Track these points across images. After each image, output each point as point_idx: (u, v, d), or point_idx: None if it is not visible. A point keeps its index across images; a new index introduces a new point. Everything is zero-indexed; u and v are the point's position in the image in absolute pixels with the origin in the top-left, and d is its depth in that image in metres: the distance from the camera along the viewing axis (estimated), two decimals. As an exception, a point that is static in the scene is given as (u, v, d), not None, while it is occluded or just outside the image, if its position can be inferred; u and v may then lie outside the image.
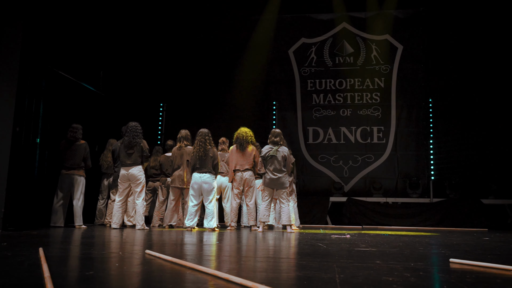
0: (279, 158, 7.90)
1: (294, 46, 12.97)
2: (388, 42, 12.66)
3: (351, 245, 5.01)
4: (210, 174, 7.80)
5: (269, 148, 8.01)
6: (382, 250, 4.43)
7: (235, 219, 8.49)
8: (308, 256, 3.80)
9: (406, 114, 12.37)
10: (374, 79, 12.61)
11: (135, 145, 7.79)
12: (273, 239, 6.36)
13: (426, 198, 11.57)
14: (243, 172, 8.35)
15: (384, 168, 12.16)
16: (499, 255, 4.19)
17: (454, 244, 5.55)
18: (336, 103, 12.66)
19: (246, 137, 8.42)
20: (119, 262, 3.25)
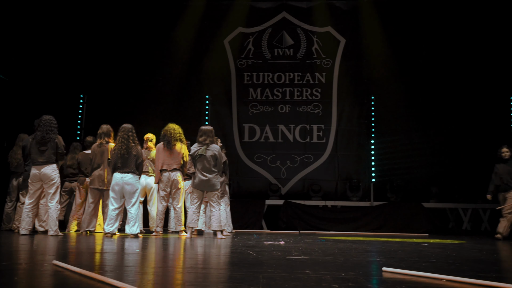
0: (209, 157, 7.85)
1: (230, 36, 12.96)
2: (330, 34, 12.85)
3: (284, 252, 5.07)
4: (133, 174, 7.68)
5: (198, 147, 7.92)
6: (315, 258, 4.52)
7: (161, 224, 8.39)
8: (235, 266, 3.82)
9: (347, 112, 12.62)
10: (315, 73, 12.78)
11: (49, 141, 7.54)
12: (202, 246, 6.38)
13: (367, 202, 11.85)
14: (170, 172, 8.26)
15: (324, 169, 12.37)
16: (434, 263, 4.36)
17: (391, 251, 5.75)
18: (274, 98, 12.75)
19: (174, 134, 8.33)
20: (20, 275, 3.13)
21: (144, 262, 4.26)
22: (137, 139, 7.90)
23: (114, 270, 3.51)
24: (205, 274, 3.44)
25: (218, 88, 12.78)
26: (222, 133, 12.17)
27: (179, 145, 8.38)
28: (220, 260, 4.50)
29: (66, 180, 9.02)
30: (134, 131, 7.86)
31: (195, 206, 7.96)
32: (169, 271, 3.51)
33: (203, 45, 12.80)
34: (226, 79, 12.83)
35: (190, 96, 12.58)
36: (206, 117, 12.54)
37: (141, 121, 10.59)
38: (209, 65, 12.77)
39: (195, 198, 7.98)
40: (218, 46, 12.90)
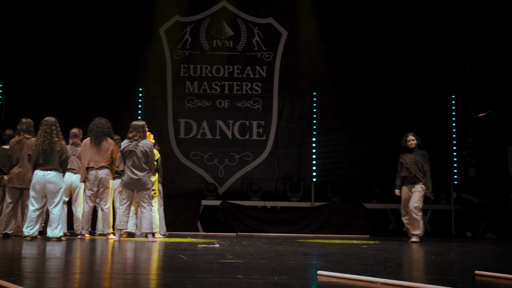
0: (139, 153, 7.76)
1: (166, 25, 12.79)
2: (272, 26, 12.92)
3: (217, 256, 5.08)
4: (57, 172, 7.49)
5: (128, 142, 7.83)
6: (249, 262, 4.54)
7: (88, 226, 8.24)
8: (163, 271, 3.80)
9: (288, 109, 12.75)
10: (256, 67, 12.83)
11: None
12: (131, 250, 6.32)
13: (307, 202, 11.99)
14: (98, 170, 8.12)
15: (264, 168, 12.46)
16: (371, 266, 4.49)
17: (329, 254, 5.89)
18: (212, 92, 12.71)
19: (102, 129, 8.20)
20: None
21: (68, 268, 4.18)
22: (61, 134, 7.69)
23: (33, 277, 3.42)
24: (131, 280, 3.41)
25: (153, 81, 12.57)
26: (156, 129, 11.96)
27: (109, 140, 8.25)
28: (148, 265, 4.47)
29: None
30: (58, 124, 7.66)
31: (125, 206, 7.86)
32: (94, 277, 3.47)
33: (137, 34, 12.56)
34: (161, 71, 12.66)
35: (121, 88, 12.30)
36: (139, 111, 12.36)
37: (67, 115, 10.35)
38: (143, 55, 12.55)
39: (125, 198, 7.88)
40: (153, 36, 12.71)
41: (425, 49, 12.68)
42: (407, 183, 8.98)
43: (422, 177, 8.86)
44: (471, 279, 3.62)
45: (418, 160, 8.91)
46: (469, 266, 4.64)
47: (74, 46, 12.26)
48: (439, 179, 11.98)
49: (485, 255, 6.19)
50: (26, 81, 12.15)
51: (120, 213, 7.85)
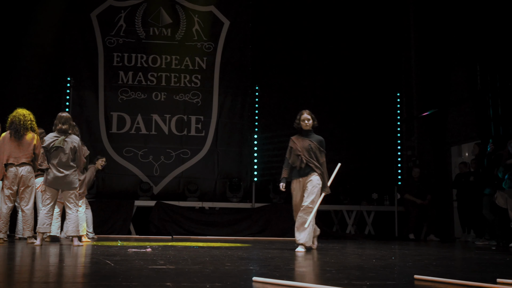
0: (67, 150, 7.57)
1: (98, 9, 12.52)
2: (213, 15, 12.89)
3: (147, 261, 5.03)
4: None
5: (54, 137, 7.60)
6: (181, 268, 4.53)
7: (6, 228, 7.98)
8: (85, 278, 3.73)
9: (229, 103, 12.79)
10: (195, 58, 12.77)
11: None
12: (54, 255, 6.15)
13: (248, 203, 12.11)
14: (18, 167, 7.90)
15: (202, 167, 12.43)
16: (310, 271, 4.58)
17: (268, 258, 5.91)
18: (148, 84, 12.58)
19: (24, 122, 7.97)
20: None
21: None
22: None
23: None
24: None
25: (82, 70, 12.35)
26: (86, 122, 11.84)
27: (30, 134, 8.03)
28: (71, 272, 4.36)
29: None
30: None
31: (48, 207, 7.64)
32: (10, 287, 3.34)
33: (65, 19, 12.24)
34: (92, 60, 12.40)
35: (47, 78, 12.00)
36: (67, 103, 12.07)
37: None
38: (73, 42, 12.29)
39: (48, 198, 7.67)
40: (83, 21, 12.43)
41: (371, 46, 13.05)
42: (297, 175, 7.23)
43: (317, 167, 7.13)
44: (410, 284, 3.71)
45: (312, 147, 7.18)
46: (409, 270, 4.72)
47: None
48: (383, 180, 12.46)
49: (426, 258, 6.29)
50: None
51: (43, 214, 7.63)
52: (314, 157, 7.18)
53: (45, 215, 7.62)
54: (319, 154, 7.24)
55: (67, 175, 7.58)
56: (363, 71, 12.93)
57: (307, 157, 7.16)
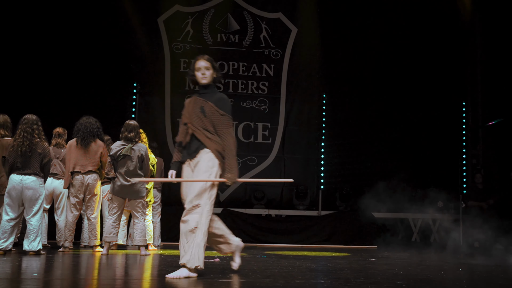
0: (134, 158, 7.18)
1: (165, 14, 12.09)
2: (281, 22, 12.43)
3: (216, 274, 4.78)
4: (37, 176, 6.74)
5: (121, 146, 7.23)
6: (252, 281, 4.31)
7: (71, 237, 7.56)
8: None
9: (296, 110, 12.32)
10: (262, 65, 12.35)
11: None
12: (121, 266, 5.92)
13: (314, 211, 11.64)
14: (84, 175, 7.46)
15: (269, 174, 11.90)
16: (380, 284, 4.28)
17: (337, 270, 5.68)
18: None
19: (91, 129, 7.52)
20: None
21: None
22: (43, 134, 6.91)
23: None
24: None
25: (149, 76, 11.92)
26: (152, 129, 11.28)
27: (98, 142, 7.57)
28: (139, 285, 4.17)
29: None
30: (39, 123, 6.89)
31: (115, 216, 7.31)
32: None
33: (132, 24, 11.71)
34: (159, 65, 12.00)
35: (113, 83, 11.46)
36: (133, 109, 11.61)
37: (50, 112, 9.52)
38: (139, 47, 11.80)
39: (115, 207, 7.31)
40: (151, 26, 11.98)
41: (437, 55, 12.40)
42: (186, 156, 4.72)
43: (211, 140, 4.58)
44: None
45: (206, 110, 4.62)
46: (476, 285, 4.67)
47: (60, 36, 11.28)
48: (448, 188, 11.75)
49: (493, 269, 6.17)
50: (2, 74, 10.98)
51: (110, 223, 7.26)
52: (207, 125, 4.60)
53: (112, 224, 7.29)
54: (217, 120, 4.60)
55: (135, 184, 7.17)
56: (429, 80, 12.28)
57: (195, 126, 4.61)
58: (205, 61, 4.73)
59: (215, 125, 4.57)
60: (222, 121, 4.59)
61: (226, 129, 4.59)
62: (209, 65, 4.74)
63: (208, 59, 4.75)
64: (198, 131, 4.55)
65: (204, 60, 4.74)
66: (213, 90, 4.76)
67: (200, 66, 4.71)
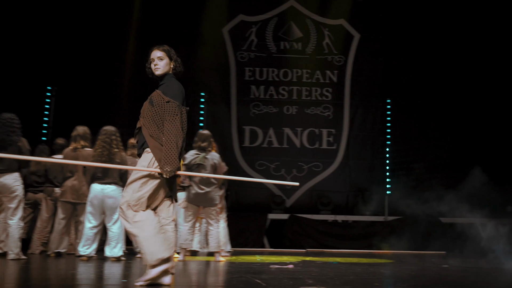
0: (208, 167, 7.18)
1: (229, 24, 12.23)
2: (344, 28, 12.35)
3: (296, 280, 4.73)
4: (116, 185, 6.84)
5: (194, 155, 7.23)
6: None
7: None
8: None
9: (360, 116, 12.19)
10: (326, 71, 12.27)
11: (10, 144, 6.58)
12: (198, 272, 5.95)
13: (381, 216, 11.49)
14: None
15: (334, 180, 11.86)
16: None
17: (412, 276, 5.56)
18: (279, 98, 12.18)
19: None
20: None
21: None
22: (121, 144, 7.03)
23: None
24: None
25: (215, 85, 12.03)
26: (219, 137, 11.26)
27: None
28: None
29: (29, 191, 7.93)
30: (118, 134, 7.00)
31: (190, 224, 7.33)
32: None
33: (198, 35, 11.85)
34: (224, 74, 12.09)
35: (183, 93, 11.56)
36: (201, 118, 11.75)
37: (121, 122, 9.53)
38: (204, 57, 11.89)
39: (190, 215, 7.31)
40: (215, 36, 12.08)
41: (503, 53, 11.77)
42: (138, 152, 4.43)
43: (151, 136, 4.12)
44: None
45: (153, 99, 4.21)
46: None
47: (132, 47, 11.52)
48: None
49: None
50: (78, 84, 11.28)
51: (185, 230, 7.28)
52: (155, 117, 4.15)
53: (187, 231, 7.31)
54: (162, 108, 4.13)
55: (208, 191, 7.18)
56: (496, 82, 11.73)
57: (144, 120, 4.20)
58: (159, 51, 4.37)
59: (161, 115, 4.12)
60: (166, 108, 4.10)
61: (169, 116, 4.07)
62: (163, 54, 4.35)
63: (163, 49, 4.37)
64: (144, 127, 4.16)
65: (159, 50, 4.37)
66: (168, 79, 4.35)
67: (154, 57, 4.37)
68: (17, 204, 6.61)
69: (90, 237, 6.76)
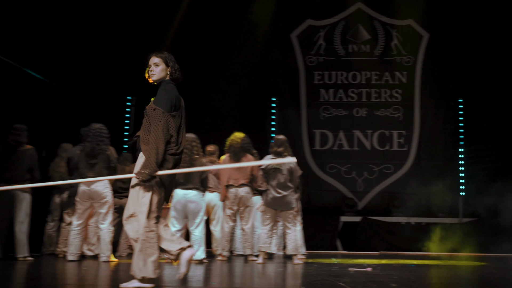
0: (285, 171, 7.25)
1: (298, 29, 12.25)
2: (412, 28, 12.12)
3: (379, 284, 4.68)
4: (198, 191, 7.03)
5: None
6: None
7: (228, 246, 7.79)
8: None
9: (431, 117, 11.94)
10: (395, 72, 12.11)
11: (100, 153, 6.95)
12: (278, 274, 5.98)
13: (455, 218, 11.20)
14: (238, 188, 7.61)
15: (406, 181, 11.58)
16: None
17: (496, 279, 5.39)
18: (348, 100, 12.07)
19: (242, 144, 7.71)
20: None
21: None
22: (201, 151, 7.25)
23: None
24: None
25: (285, 89, 12.12)
26: (290, 140, 11.27)
27: (248, 157, 7.74)
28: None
29: (115, 196, 8.27)
30: (198, 141, 7.21)
31: (268, 227, 7.43)
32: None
33: (267, 41, 11.96)
34: (294, 79, 12.14)
35: (253, 99, 11.76)
36: (272, 123, 11.88)
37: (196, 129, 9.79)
38: (275, 63, 12.08)
39: (268, 219, 7.42)
40: (284, 41, 12.18)
41: None
42: None
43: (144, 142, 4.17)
44: None
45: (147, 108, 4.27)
46: None
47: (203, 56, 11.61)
48: None
49: None
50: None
51: (264, 234, 7.41)
52: (147, 125, 4.19)
53: (266, 234, 7.41)
54: (151, 117, 4.17)
55: (286, 195, 7.25)
56: None
57: (141, 129, 4.25)
58: (156, 57, 4.32)
59: (150, 122, 4.14)
60: (152, 116, 4.13)
61: (153, 123, 4.09)
62: (159, 61, 4.30)
63: (160, 56, 4.31)
64: (141, 136, 4.20)
65: (156, 56, 4.32)
66: (163, 86, 4.32)
67: (151, 63, 4.33)
68: (107, 210, 6.96)
69: (174, 240, 7.02)
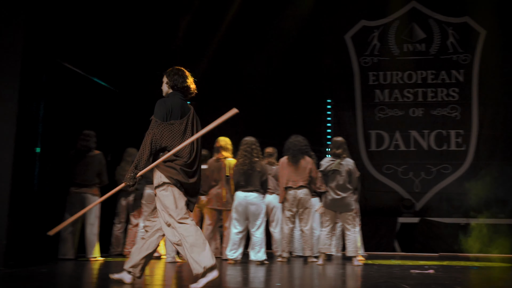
0: (343, 173, 7.32)
1: (352, 31, 12.17)
2: (468, 26, 11.85)
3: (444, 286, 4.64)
4: (258, 193, 7.24)
5: (330, 161, 7.44)
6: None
7: (288, 247, 7.85)
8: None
9: (491, 115, 11.59)
10: (451, 71, 11.83)
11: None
12: (339, 276, 5.99)
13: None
14: (297, 190, 7.64)
15: (464, 182, 11.27)
16: None
17: None
18: (404, 101, 11.89)
19: (300, 147, 7.76)
20: None
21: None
22: (261, 154, 7.45)
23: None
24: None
25: (340, 91, 12.05)
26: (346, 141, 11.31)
27: (306, 159, 7.77)
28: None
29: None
30: (258, 144, 7.41)
31: (328, 229, 7.47)
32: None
33: (322, 42, 12.03)
34: (348, 80, 12.06)
35: (308, 101, 11.77)
36: (328, 124, 11.87)
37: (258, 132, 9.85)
38: (328, 64, 12.06)
39: (328, 220, 7.47)
40: (338, 42, 12.13)
41: None
42: None
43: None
44: None
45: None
46: None
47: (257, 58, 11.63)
48: None
49: None
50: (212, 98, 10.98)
51: (324, 236, 7.46)
52: None
53: (325, 236, 7.46)
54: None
55: (345, 197, 7.31)
56: None
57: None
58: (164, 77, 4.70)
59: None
60: (150, 126, 4.39)
61: (147, 131, 4.34)
62: (163, 78, 4.69)
63: (164, 73, 4.69)
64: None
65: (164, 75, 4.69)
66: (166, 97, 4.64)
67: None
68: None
69: (236, 241, 7.17)
